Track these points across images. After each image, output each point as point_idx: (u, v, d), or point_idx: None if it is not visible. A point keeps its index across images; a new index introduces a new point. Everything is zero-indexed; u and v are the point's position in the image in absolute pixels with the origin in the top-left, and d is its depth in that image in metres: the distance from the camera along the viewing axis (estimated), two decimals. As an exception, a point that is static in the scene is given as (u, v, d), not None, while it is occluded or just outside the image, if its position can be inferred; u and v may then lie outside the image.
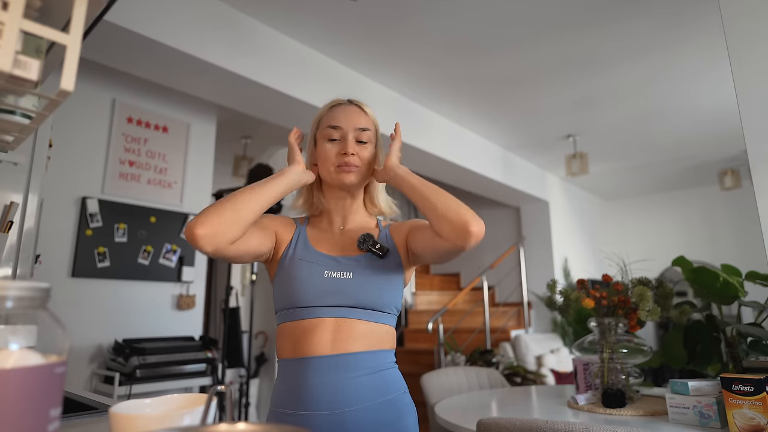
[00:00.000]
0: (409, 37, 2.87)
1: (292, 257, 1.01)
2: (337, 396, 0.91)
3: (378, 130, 1.10)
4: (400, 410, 0.97)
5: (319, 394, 0.91)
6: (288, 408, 0.94)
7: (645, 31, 2.80)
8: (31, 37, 0.62)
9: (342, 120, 1.04)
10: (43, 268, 2.57)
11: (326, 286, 0.96)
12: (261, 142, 4.44)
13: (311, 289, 0.96)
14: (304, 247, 1.03)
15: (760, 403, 1.21)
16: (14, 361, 0.40)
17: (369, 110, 1.10)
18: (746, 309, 2.51)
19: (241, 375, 3.67)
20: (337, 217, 1.09)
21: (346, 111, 1.06)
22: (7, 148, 1.06)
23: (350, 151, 1.02)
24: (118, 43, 2.27)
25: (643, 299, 1.59)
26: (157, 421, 0.55)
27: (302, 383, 0.93)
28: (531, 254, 5.51)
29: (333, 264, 1.00)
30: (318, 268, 0.99)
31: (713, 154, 4.98)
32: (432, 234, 0.95)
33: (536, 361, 4.40)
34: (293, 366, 0.95)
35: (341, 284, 0.97)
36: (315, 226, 1.10)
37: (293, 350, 0.96)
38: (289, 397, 0.94)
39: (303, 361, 0.94)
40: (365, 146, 1.05)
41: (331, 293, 0.96)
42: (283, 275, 1.01)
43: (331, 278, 0.97)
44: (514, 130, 4.35)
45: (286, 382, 0.96)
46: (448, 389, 2.25)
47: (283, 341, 0.99)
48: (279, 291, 1.01)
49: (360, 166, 1.04)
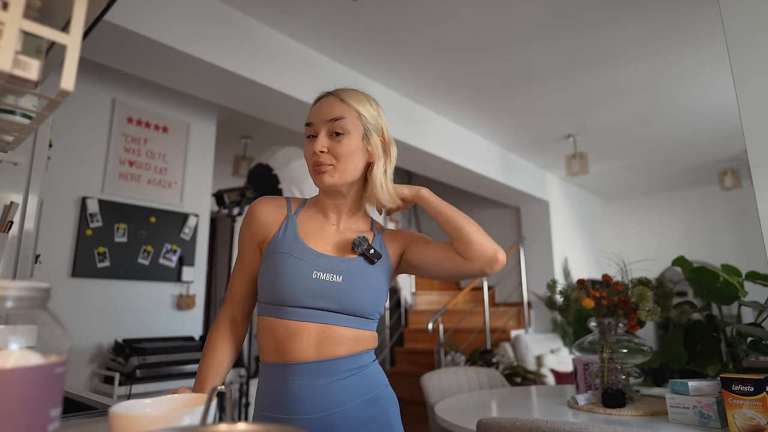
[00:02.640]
0: (409, 37, 2.87)
1: (279, 249, 0.96)
2: (323, 400, 0.91)
3: (368, 116, 1.00)
4: (384, 403, 0.99)
5: (304, 398, 0.91)
6: (275, 412, 0.93)
7: (645, 31, 2.80)
8: (31, 37, 0.62)
9: (314, 115, 0.99)
10: (43, 268, 2.57)
11: (314, 288, 0.93)
12: (261, 142, 4.45)
13: (298, 289, 0.92)
14: (293, 240, 0.98)
15: (760, 403, 1.21)
16: (14, 361, 0.40)
17: (352, 96, 1.00)
18: (746, 309, 2.51)
19: (241, 375, 3.67)
20: (331, 213, 1.04)
21: (320, 104, 1.00)
22: (7, 148, 1.06)
23: (317, 149, 0.95)
24: (118, 43, 2.27)
25: (643, 299, 1.59)
26: (157, 421, 0.55)
27: (287, 388, 0.92)
28: (531, 254, 5.51)
29: (323, 264, 0.95)
30: (306, 267, 0.94)
31: (713, 154, 4.98)
32: (453, 255, 0.99)
33: (536, 361, 4.39)
34: (277, 370, 0.94)
35: (330, 288, 0.93)
36: (308, 216, 1.03)
37: (276, 354, 0.94)
38: (275, 401, 0.93)
39: (287, 367, 0.93)
40: (341, 138, 0.96)
41: (319, 296, 0.93)
42: (269, 267, 0.96)
43: (319, 280, 0.93)
44: (514, 130, 4.35)
45: (271, 386, 0.95)
46: (448, 389, 2.24)
47: (266, 341, 0.97)
48: (264, 282, 0.96)
49: (335, 164, 0.96)
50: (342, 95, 1.00)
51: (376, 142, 1.01)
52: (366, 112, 1.00)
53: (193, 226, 3.24)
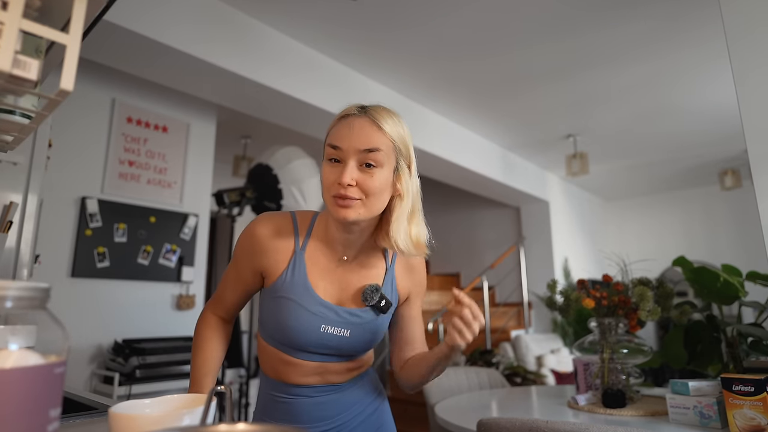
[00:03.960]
0: (410, 37, 2.87)
1: (287, 294, 0.90)
2: (326, 412, 0.94)
3: (402, 146, 0.88)
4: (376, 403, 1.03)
5: (308, 412, 0.94)
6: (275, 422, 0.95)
7: (645, 31, 2.80)
8: (30, 36, 0.62)
9: (344, 138, 0.84)
10: (42, 268, 2.57)
11: (321, 341, 0.90)
12: (261, 142, 4.44)
13: (305, 341, 0.90)
14: (302, 287, 0.90)
15: (761, 403, 1.21)
16: (14, 361, 0.39)
17: (388, 122, 0.86)
18: (746, 309, 2.51)
19: (241, 375, 3.67)
20: (339, 246, 0.93)
21: (351, 126, 0.84)
22: (6, 148, 1.05)
23: (345, 181, 0.82)
24: (118, 43, 2.27)
25: (644, 299, 1.59)
26: (156, 421, 0.55)
27: (289, 401, 0.95)
28: (531, 254, 5.51)
29: (331, 317, 0.90)
30: (315, 320, 0.89)
31: (713, 154, 4.98)
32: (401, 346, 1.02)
33: (536, 361, 4.39)
34: (278, 386, 0.96)
35: (336, 341, 0.91)
36: (317, 250, 0.93)
37: (276, 375, 0.96)
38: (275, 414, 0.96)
39: (287, 386, 0.95)
40: (373, 171, 0.84)
41: (324, 347, 0.91)
42: (275, 310, 0.91)
43: (327, 333, 0.90)
44: (514, 130, 4.35)
45: (272, 398, 0.97)
46: (448, 389, 2.24)
47: (265, 362, 0.97)
48: (268, 320, 0.92)
49: (363, 198, 0.84)
50: (378, 119, 0.85)
51: (406, 179, 0.89)
52: (400, 141, 0.88)
53: (193, 226, 3.24)
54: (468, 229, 6.18)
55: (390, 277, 0.97)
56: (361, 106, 0.88)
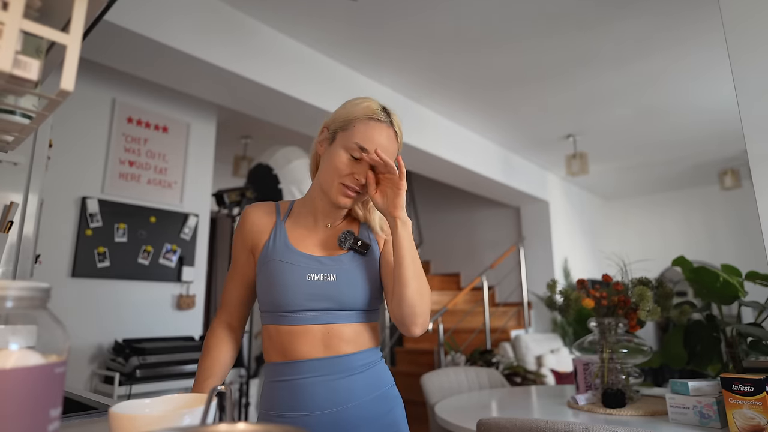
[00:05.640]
0: (409, 37, 2.87)
1: (271, 257, 0.98)
2: (332, 395, 0.92)
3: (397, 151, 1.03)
4: (390, 403, 1.00)
5: (313, 393, 0.92)
6: (281, 410, 0.94)
7: (645, 31, 2.81)
8: (31, 37, 0.62)
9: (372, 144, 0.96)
10: (43, 268, 2.57)
11: (310, 290, 0.94)
12: (261, 142, 4.45)
13: (296, 293, 0.94)
14: (284, 246, 0.99)
15: (760, 403, 1.21)
16: (14, 361, 0.40)
17: (401, 132, 1.02)
18: (746, 309, 2.51)
19: (241, 375, 3.67)
20: (323, 217, 1.04)
21: (381, 135, 0.97)
22: (7, 148, 1.06)
23: (363, 181, 0.97)
24: (118, 43, 2.27)
25: (643, 299, 1.59)
26: (157, 421, 0.55)
27: (296, 384, 0.93)
28: (531, 254, 5.51)
29: (315, 265, 0.97)
30: (300, 271, 0.96)
31: (713, 154, 4.98)
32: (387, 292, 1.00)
33: (536, 361, 4.39)
34: (284, 369, 0.95)
35: (326, 287, 0.95)
36: (298, 219, 1.05)
37: (283, 355, 0.96)
38: (282, 400, 0.94)
39: (295, 364, 0.94)
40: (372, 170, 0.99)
41: (316, 297, 0.94)
42: (265, 276, 0.98)
43: (314, 281, 0.95)
44: (514, 130, 4.35)
45: (278, 385, 0.96)
46: (448, 389, 2.25)
47: (271, 346, 0.98)
48: (262, 292, 0.99)
49: (362, 192, 0.99)
50: (399, 134, 1.01)
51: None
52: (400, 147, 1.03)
53: (193, 226, 3.24)
54: (468, 229, 6.18)
55: (365, 230, 1.06)
56: (383, 108, 1.00)
